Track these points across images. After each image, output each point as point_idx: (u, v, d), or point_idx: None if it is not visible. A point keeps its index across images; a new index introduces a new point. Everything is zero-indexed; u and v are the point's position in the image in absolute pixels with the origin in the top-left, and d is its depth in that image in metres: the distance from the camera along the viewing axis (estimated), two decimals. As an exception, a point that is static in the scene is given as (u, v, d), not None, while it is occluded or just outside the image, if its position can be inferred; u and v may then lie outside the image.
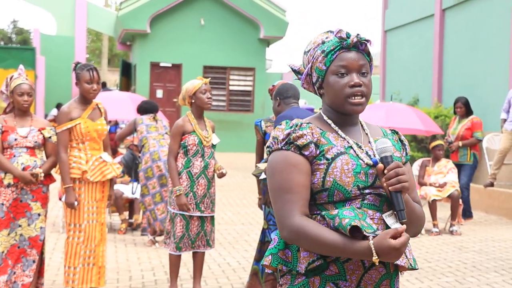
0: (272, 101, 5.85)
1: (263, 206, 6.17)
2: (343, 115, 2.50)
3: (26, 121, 5.75)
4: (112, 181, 5.96)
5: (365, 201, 2.39)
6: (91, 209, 5.75)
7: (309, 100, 24.09)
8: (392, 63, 18.88)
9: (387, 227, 2.37)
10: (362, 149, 2.47)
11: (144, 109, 9.16)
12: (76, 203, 5.63)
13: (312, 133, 2.44)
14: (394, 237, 2.23)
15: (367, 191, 2.39)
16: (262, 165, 5.90)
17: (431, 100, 15.98)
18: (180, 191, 5.91)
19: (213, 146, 6.18)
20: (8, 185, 5.60)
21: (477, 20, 14.35)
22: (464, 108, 10.74)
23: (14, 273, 5.65)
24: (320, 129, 2.48)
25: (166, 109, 22.68)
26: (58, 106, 24.06)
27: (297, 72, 2.59)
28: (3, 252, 5.60)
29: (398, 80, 18.17)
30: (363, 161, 2.42)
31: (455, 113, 10.95)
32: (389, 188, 2.33)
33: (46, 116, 23.85)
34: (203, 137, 6.04)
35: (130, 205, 9.61)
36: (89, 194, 5.74)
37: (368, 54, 2.50)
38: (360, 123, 2.56)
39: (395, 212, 2.38)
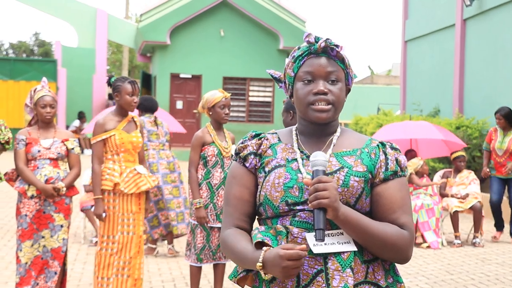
0: (283, 114, 5.76)
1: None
2: (312, 124, 2.34)
3: (50, 133, 5.80)
4: (148, 194, 5.96)
5: (296, 218, 2.22)
6: (126, 221, 5.74)
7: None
8: (412, 74, 18.80)
9: None
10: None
11: (145, 107, 8.70)
12: (104, 214, 5.64)
13: (260, 144, 2.37)
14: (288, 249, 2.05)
15: (299, 207, 2.22)
16: None
17: (452, 111, 15.88)
18: (200, 204, 5.91)
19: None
20: (32, 197, 5.64)
21: (499, 30, 14.26)
22: (503, 120, 9.94)
23: (37, 284, 5.68)
24: (279, 139, 2.38)
25: (186, 120, 22.75)
26: (80, 114, 24.22)
27: (277, 80, 2.50)
28: (26, 263, 5.63)
29: (419, 90, 18.09)
30: (302, 175, 2.25)
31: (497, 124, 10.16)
32: (309, 204, 2.13)
33: (67, 127, 24.02)
34: (222, 148, 6.04)
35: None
36: (124, 206, 5.73)
37: (342, 60, 2.33)
38: (336, 134, 2.37)
39: (314, 230, 2.14)
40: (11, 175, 5.76)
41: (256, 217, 2.38)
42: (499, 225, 10.16)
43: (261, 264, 2.11)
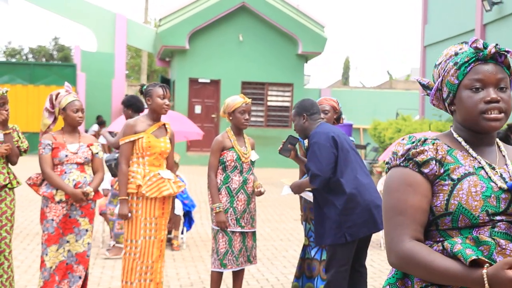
0: (295, 118, 5.68)
1: (304, 223, 6.14)
2: (477, 133, 2.26)
3: (75, 138, 5.82)
4: (173, 199, 5.99)
5: (496, 229, 2.12)
6: (148, 225, 5.75)
7: (347, 115, 24.02)
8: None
9: None
10: (496, 171, 2.21)
11: (137, 107, 8.64)
12: (129, 214, 5.67)
13: (437, 150, 2.23)
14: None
15: (498, 218, 2.12)
16: (286, 180, 5.90)
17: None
18: (219, 208, 5.91)
19: (252, 162, 6.17)
20: (59, 201, 5.65)
21: (519, 35, 14.17)
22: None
23: None
24: (448, 146, 2.27)
25: (205, 125, 22.79)
26: (99, 119, 24.33)
27: (425, 87, 2.40)
28: (51, 267, 5.64)
29: (438, 95, 17.99)
30: (496, 184, 2.15)
31: None
32: None
33: (86, 131, 24.15)
34: (242, 153, 6.04)
35: (169, 221, 9.65)
36: (147, 210, 5.74)
37: (508, 67, 2.26)
38: (497, 144, 2.33)
39: None
40: (35, 180, 5.77)
41: (431, 228, 2.23)
42: None
43: (488, 286, 1.95)
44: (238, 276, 6.18)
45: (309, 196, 5.69)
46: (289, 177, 6.48)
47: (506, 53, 2.22)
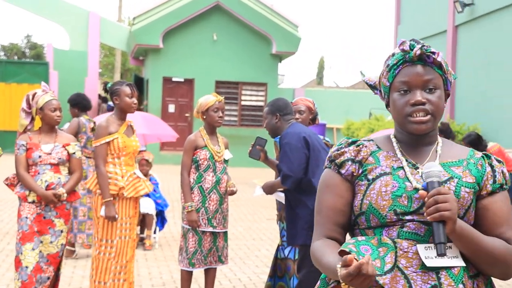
0: (267, 116, 5.65)
1: (279, 222, 6.17)
2: (412, 134, 2.25)
3: (51, 138, 5.73)
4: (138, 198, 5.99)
5: (405, 229, 2.13)
6: (124, 225, 5.75)
7: (321, 115, 24.12)
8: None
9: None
10: (418, 171, 2.21)
11: (84, 106, 8.46)
12: (116, 216, 5.65)
13: (359, 151, 2.27)
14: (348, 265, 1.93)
15: (408, 217, 2.13)
16: (258, 180, 5.91)
17: (443, 117, 15.94)
18: (191, 207, 5.92)
19: (225, 161, 6.17)
20: (32, 202, 5.60)
21: (490, 37, 14.32)
22: (469, 147, 9.78)
23: None
24: (378, 147, 2.29)
25: (178, 124, 22.74)
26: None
27: (373, 87, 2.41)
28: (27, 267, 5.55)
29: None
30: (411, 184, 2.16)
31: None
32: (428, 217, 2.04)
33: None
34: (215, 152, 6.04)
35: (142, 220, 9.62)
36: (123, 210, 5.74)
37: (439, 66, 2.23)
38: (438, 142, 2.31)
39: (435, 244, 2.06)
40: (12, 180, 5.71)
41: (355, 227, 2.26)
42: None
43: (344, 283, 1.98)
44: (209, 275, 6.19)
45: (280, 197, 5.71)
46: (262, 177, 6.50)
47: (432, 54, 2.21)
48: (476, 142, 9.73)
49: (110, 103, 27.05)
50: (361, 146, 2.28)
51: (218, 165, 6.07)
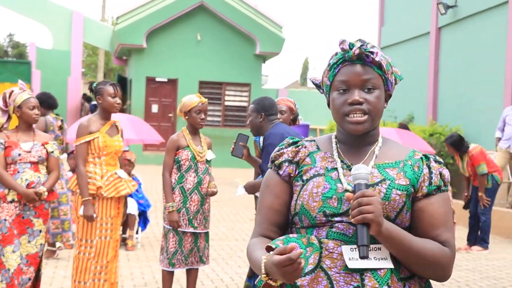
0: (252, 114, 5.63)
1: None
2: (351, 134, 2.24)
3: (29, 136, 5.69)
4: (126, 199, 5.95)
5: (333, 230, 2.13)
6: (104, 225, 5.71)
7: (304, 116, 24.15)
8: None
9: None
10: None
11: (49, 104, 8.43)
12: (95, 215, 5.61)
13: (297, 152, 2.27)
14: (282, 253, 1.93)
15: (337, 218, 2.13)
16: (240, 180, 5.91)
17: (426, 118, 16.01)
18: (172, 208, 5.91)
19: (208, 162, 6.16)
20: (11, 201, 5.54)
21: (473, 38, 14.41)
22: (451, 148, 9.88)
23: None
24: (318, 147, 2.29)
25: (161, 124, 22.69)
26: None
27: (318, 86, 2.38)
28: (9, 269, 5.48)
29: (393, 97, 18.03)
30: (342, 186, 2.16)
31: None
32: (351, 219, 2.03)
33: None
34: (197, 152, 6.03)
35: (125, 221, 9.59)
36: (103, 210, 5.71)
37: (379, 66, 2.21)
38: (378, 143, 2.28)
39: (358, 247, 2.04)
40: None
41: (292, 226, 2.26)
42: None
43: (265, 274, 2.02)
44: (191, 275, 6.18)
45: None
46: (245, 177, 6.49)
47: (371, 54, 2.19)
48: (458, 143, 9.80)
49: (94, 102, 27.03)
50: (300, 146, 2.29)
51: (200, 166, 6.07)
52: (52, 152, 5.75)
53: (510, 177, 11.97)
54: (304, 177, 2.22)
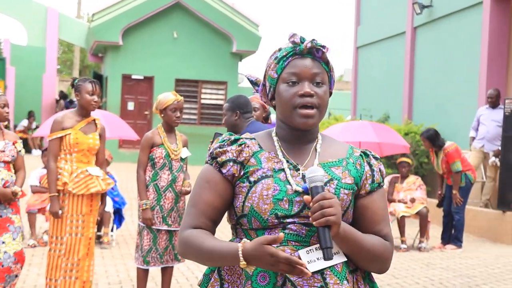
0: (227, 112, 5.58)
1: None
2: (294, 130, 2.24)
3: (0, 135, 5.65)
4: (103, 196, 5.89)
5: (286, 231, 2.12)
6: (75, 222, 5.65)
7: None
8: (363, 80, 19.01)
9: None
10: (299, 173, 2.19)
11: None
12: (60, 211, 5.56)
13: (241, 151, 2.23)
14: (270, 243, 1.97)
15: (289, 220, 2.13)
16: None
17: (401, 117, 16.10)
18: (146, 205, 5.89)
19: (182, 160, 6.14)
20: None
21: (448, 39, 14.51)
22: (427, 142, 9.92)
23: None
24: (260, 147, 2.26)
25: (137, 122, 22.59)
26: (30, 114, 23.85)
27: (254, 83, 2.39)
28: None
29: (369, 96, 18.30)
30: (291, 187, 2.15)
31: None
32: (313, 222, 2.03)
33: (15, 126, 23.62)
34: (171, 150, 6.01)
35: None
36: (73, 207, 5.64)
37: (327, 63, 2.24)
38: (318, 140, 2.29)
39: (322, 249, 2.05)
40: None
41: (238, 227, 2.25)
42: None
43: (244, 263, 2.01)
44: (166, 273, 6.16)
45: None
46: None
47: (322, 48, 2.21)
48: (433, 137, 9.88)
49: (70, 99, 26.86)
50: (243, 145, 2.25)
51: (175, 163, 6.05)
52: (20, 151, 5.70)
53: (484, 176, 12.07)
54: (251, 179, 2.19)
